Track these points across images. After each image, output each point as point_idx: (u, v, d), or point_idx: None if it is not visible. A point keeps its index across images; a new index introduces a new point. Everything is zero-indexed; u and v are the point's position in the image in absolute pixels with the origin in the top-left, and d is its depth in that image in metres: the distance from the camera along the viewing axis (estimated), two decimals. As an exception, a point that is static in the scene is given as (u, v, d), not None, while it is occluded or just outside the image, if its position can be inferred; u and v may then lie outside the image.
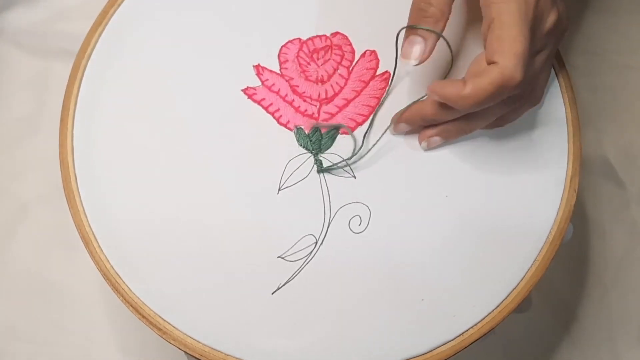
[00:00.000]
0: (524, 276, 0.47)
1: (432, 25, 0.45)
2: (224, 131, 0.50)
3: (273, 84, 0.51)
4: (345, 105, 0.51)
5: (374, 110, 0.50)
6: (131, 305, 0.46)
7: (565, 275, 0.68)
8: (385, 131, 0.49)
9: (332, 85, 0.51)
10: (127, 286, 0.46)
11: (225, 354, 0.45)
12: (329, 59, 0.51)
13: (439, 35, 0.45)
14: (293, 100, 0.51)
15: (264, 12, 0.52)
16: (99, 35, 0.51)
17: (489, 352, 0.65)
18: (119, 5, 0.52)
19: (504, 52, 0.42)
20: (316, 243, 0.47)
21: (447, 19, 0.45)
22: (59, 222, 0.50)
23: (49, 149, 0.59)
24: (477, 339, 0.46)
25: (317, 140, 0.50)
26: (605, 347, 0.66)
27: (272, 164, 0.49)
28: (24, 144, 0.69)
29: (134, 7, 0.52)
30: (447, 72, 0.50)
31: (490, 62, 0.42)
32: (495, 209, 0.48)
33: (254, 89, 0.51)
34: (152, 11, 0.52)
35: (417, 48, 0.46)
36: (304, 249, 0.47)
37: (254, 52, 0.51)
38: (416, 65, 0.46)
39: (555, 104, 0.51)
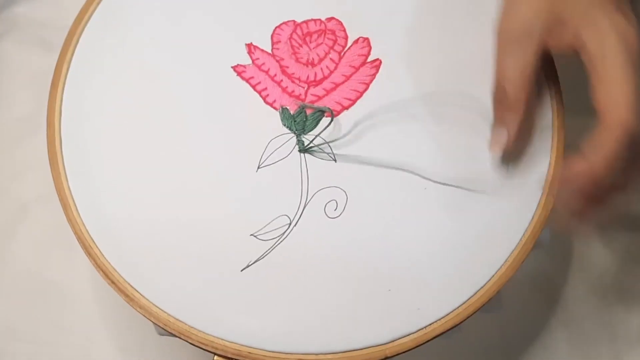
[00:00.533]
0: (493, 276, 0.47)
1: (513, 116, 0.46)
2: (210, 106, 0.50)
3: (263, 63, 0.51)
4: (333, 89, 0.51)
5: (362, 95, 0.50)
6: (102, 270, 0.46)
7: (565, 275, 0.68)
8: (370, 119, 0.49)
9: (322, 69, 0.51)
10: (100, 251, 0.47)
11: (188, 326, 0.46)
12: (322, 43, 0.51)
13: (520, 120, 0.46)
14: (281, 80, 0.51)
15: None
16: (85, 23, 0.51)
17: (488, 352, 0.65)
18: None
19: (618, 103, 0.42)
20: (290, 224, 0.47)
21: (526, 102, 0.46)
22: (59, 222, 0.50)
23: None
24: (440, 334, 0.46)
25: (301, 121, 0.50)
26: (605, 347, 0.66)
27: (254, 141, 0.49)
28: (24, 144, 0.68)
29: None
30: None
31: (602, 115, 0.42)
32: (472, 207, 0.48)
33: (244, 66, 0.51)
34: None
35: (502, 138, 0.47)
36: (277, 229, 0.47)
37: (247, 31, 0.51)
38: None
39: (543, 110, 0.50)
